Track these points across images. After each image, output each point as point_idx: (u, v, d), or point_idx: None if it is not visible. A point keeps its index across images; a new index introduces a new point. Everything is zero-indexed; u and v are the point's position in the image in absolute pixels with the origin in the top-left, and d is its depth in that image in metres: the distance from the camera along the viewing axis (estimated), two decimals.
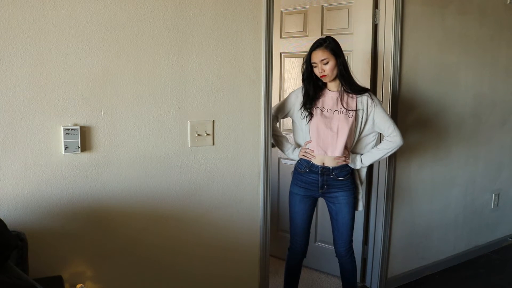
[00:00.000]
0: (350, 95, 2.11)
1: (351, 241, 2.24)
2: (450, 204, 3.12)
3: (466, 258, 3.31)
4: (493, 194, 3.45)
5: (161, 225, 1.90)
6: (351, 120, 2.09)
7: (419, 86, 2.73)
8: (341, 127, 2.08)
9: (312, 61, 2.07)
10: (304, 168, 2.18)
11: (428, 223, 2.99)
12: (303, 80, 2.15)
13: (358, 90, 2.10)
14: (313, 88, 2.12)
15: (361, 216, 2.74)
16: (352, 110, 2.09)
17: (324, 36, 2.10)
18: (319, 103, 2.13)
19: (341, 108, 2.09)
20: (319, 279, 2.90)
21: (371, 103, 2.10)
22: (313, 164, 2.15)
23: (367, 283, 2.82)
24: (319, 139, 2.12)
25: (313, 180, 2.16)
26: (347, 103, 2.10)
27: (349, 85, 2.09)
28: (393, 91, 2.56)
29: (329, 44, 2.04)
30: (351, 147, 2.17)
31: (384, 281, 2.78)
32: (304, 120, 2.15)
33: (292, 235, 2.28)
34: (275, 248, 3.02)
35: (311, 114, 2.12)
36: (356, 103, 2.10)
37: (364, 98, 2.10)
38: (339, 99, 2.10)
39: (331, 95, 2.13)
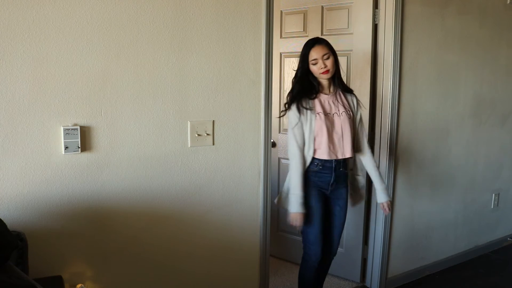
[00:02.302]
0: (342, 95, 2.13)
1: (338, 244, 2.28)
2: (450, 204, 3.12)
3: (466, 258, 3.30)
4: (493, 194, 3.45)
5: (161, 225, 1.90)
6: (351, 119, 2.10)
7: (419, 86, 2.73)
8: (345, 128, 2.07)
9: (312, 58, 2.01)
10: (317, 166, 2.07)
11: (428, 223, 2.99)
12: (297, 78, 2.07)
13: (348, 89, 2.17)
14: (307, 85, 2.07)
15: (361, 216, 2.74)
16: (349, 109, 2.12)
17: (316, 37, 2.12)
18: (318, 108, 2.05)
19: (339, 110, 2.08)
20: None
21: (357, 105, 2.17)
22: (326, 160, 2.06)
23: (367, 283, 2.82)
24: (330, 144, 2.05)
25: (326, 177, 2.09)
26: (343, 104, 2.10)
27: (342, 84, 2.14)
28: (393, 91, 2.56)
29: (326, 42, 2.06)
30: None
31: (384, 281, 2.78)
32: (309, 123, 2.04)
33: (310, 244, 2.14)
34: (275, 248, 3.02)
35: (312, 114, 2.04)
36: (348, 101, 2.14)
37: (354, 98, 2.17)
38: (335, 102, 2.09)
39: (327, 99, 2.09)
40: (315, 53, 2.01)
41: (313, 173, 2.09)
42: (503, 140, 3.42)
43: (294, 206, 2.03)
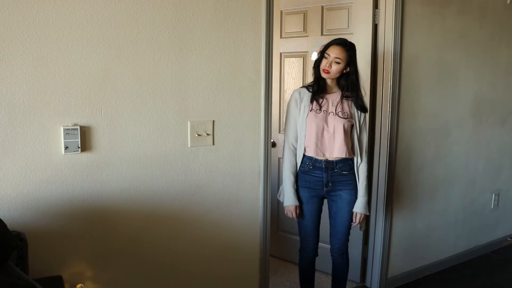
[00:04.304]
0: (345, 99, 2.12)
1: (347, 240, 2.24)
2: (450, 204, 3.12)
3: (466, 258, 3.31)
4: (493, 194, 3.45)
5: (161, 225, 1.90)
6: (346, 120, 2.09)
7: (419, 86, 2.73)
8: (337, 128, 2.08)
9: (327, 53, 2.05)
10: (307, 165, 2.14)
11: (428, 223, 2.99)
12: (314, 67, 2.13)
13: (363, 107, 2.13)
14: (318, 76, 2.13)
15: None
16: (348, 113, 2.12)
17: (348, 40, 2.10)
18: (314, 106, 2.12)
19: (336, 110, 2.10)
20: (319, 279, 2.90)
21: (360, 111, 2.14)
22: (316, 160, 2.12)
23: (367, 283, 2.82)
24: (318, 141, 2.11)
25: (318, 178, 2.14)
26: (342, 106, 2.12)
27: (356, 97, 2.11)
28: (393, 91, 2.56)
29: (350, 50, 2.06)
30: (352, 146, 2.15)
31: (384, 281, 2.78)
32: (304, 115, 2.12)
33: (301, 238, 2.27)
34: (275, 248, 3.02)
35: (306, 110, 2.12)
36: (349, 105, 2.13)
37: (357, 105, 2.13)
38: (334, 101, 2.11)
39: (327, 97, 2.13)
40: (331, 51, 2.05)
41: (304, 173, 2.16)
42: (503, 140, 3.42)
43: (286, 199, 2.18)
